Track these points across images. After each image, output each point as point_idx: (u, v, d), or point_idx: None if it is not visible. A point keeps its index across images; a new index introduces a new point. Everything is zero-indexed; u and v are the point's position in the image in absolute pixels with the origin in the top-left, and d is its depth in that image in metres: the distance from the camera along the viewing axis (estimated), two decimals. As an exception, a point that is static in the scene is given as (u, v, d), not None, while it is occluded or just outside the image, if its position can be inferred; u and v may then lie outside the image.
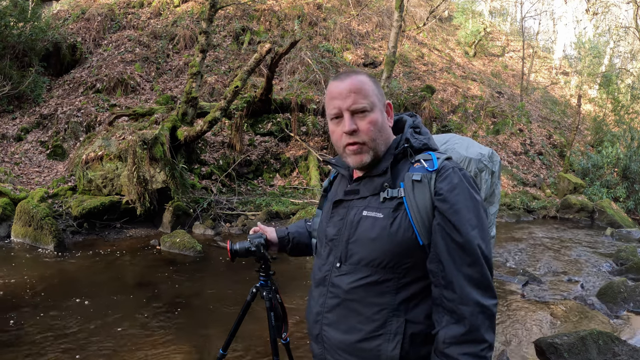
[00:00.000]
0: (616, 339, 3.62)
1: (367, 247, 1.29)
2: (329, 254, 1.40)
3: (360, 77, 1.35)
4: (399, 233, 1.25)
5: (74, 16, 13.02)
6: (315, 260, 1.53)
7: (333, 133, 1.38)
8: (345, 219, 1.37)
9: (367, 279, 1.29)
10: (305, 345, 3.71)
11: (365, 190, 1.36)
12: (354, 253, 1.32)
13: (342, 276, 1.34)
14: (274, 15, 14.44)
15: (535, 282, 5.70)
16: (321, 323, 1.39)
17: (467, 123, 14.17)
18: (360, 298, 1.30)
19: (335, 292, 1.35)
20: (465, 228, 1.21)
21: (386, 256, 1.26)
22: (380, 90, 1.39)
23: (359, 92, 1.32)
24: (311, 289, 1.51)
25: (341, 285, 1.34)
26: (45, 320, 4.04)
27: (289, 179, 10.13)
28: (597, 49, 21.22)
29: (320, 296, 1.41)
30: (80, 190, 7.48)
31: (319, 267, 1.44)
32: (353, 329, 1.31)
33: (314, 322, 1.42)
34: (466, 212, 1.22)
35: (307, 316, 1.50)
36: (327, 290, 1.38)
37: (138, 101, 10.84)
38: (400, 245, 1.25)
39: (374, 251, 1.28)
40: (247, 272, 5.46)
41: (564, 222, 10.32)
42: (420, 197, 1.25)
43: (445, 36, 20.13)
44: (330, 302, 1.37)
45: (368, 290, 1.29)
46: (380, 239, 1.27)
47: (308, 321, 1.48)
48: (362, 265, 1.30)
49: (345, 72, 1.40)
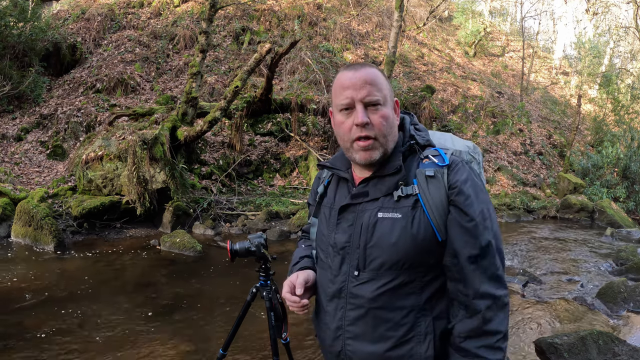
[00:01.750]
0: (616, 339, 3.61)
1: (388, 250, 1.24)
2: (342, 263, 1.32)
3: (374, 69, 1.31)
4: (420, 231, 1.23)
5: (74, 16, 13.02)
6: (320, 272, 1.43)
7: (341, 125, 1.31)
8: (355, 224, 1.31)
9: (392, 283, 1.25)
10: (306, 345, 3.71)
11: (377, 191, 1.30)
12: (375, 258, 1.26)
13: (363, 284, 1.28)
14: (274, 15, 14.44)
15: (535, 282, 5.70)
16: (343, 338, 1.31)
17: (467, 123, 14.17)
18: (386, 304, 1.25)
19: (357, 302, 1.28)
20: (479, 219, 1.22)
21: (409, 257, 1.23)
22: (391, 86, 1.35)
23: (373, 84, 1.27)
24: (321, 304, 1.41)
25: (364, 294, 1.27)
26: (45, 320, 4.03)
27: (289, 179, 10.13)
28: (597, 49, 21.23)
29: (337, 310, 1.32)
30: (80, 190, 7.48)
31: (331, 280, 1.35)
32: (382, 337, 1.26)
33: (334, 338, 1.33)
34: (479, 204, 1.23)
35: (322, 334, 1.40)
36: (346, 302, 1.30)
37: (138, 101, 10.84)
38: (422, 244, 1.23)
39: (396, 253, 1.23)
40: (247, 272, 5.46)
41: (564, 222, 10.31)
42: (435, 192, 1.24)
43: (445, 36, 20.13)
44: (352, 314, 1.29)
45: (394, 295, 1.25)
46: (402, 240, 1.23)
47: (324, 339, 1.39)
48: (385, 269, 1.25)
49: (357, 63, 1.36)
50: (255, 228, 7.46)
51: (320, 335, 1.42)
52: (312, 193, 1.55)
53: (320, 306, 1.42)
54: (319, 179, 1.54)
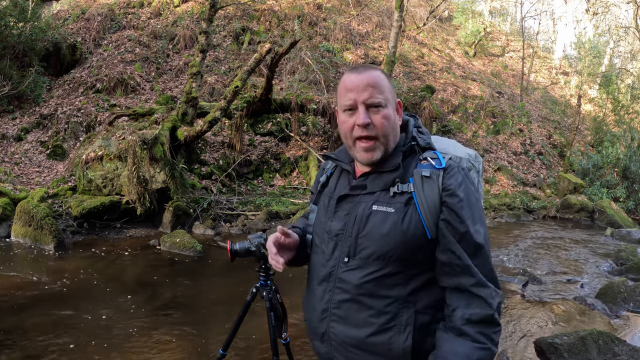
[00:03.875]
0: (616, 339, 3.61)
1: (378, 241, 1.30)
2: (334, 249, 1.39)
3: (377, 72, 1.37)
4: (410, 227, 1.28)
5: (74, 16, 13.02)
6: (313, 257, 1.50)
7: (344, 124, 1.38)
8: (351, 214, 1.37)
9: (379, 273, 1.30)
10: (306, 345, 3.71)
11: (374, 185, 1.37)
12: (365, 247, 1.32)
13: (351, 271, 1.34)
14: (274, 15, 14.44)
15: (535, 282, 5.70)
16: (328, 320, 1.38)
17: (467, 123, 14.17)
18: (371, 292, 1.31)
19: (344, 287, 1.34)
20: (470, 222, 1.27)
21: (397, 249, 1.28)
22: (393, 88, 1.42)
23: (376, 86, 1.33)
24: (311, 287, 1.48)
25: (351, 280, 1.33)
26: (45, 320, 4.03)
27: (289, 179, 10.13)
28: (597, 49, 21.23)
29: (325, 293, 1.39)
30: (80, 190, 7.47)
31: (322, 264, 1.42)
32: (364, 323, 1.31)
33: (319, 320, 1.40)
34: (470, 208, 1.29)
35: (309, 315, 1.47)
36: (334, 286, 1.37)
37: (138, 101, 10.84)
38: (412, 239, 1.28)
39: (385, 245, 1.29)
40: (247, 272, 5.45)
41: (564, 222, 10.31)
42: (430, 192, 1.29)
43: (445, 36, 20.13)
44: (338, 297, 1.36)
45: (379, 284, 1.30)
46: (392, 233, 1.29)
47: (310, 320, 1.46)
48: (373, 259, 1.31)
49: (361, 65, 1.43)
50: (255, 228, 7.46)
51: (308, 316, 1.49)
52: (316, 182, 1.62)
53: (310, 289, 1.48)
54: (323, 170, 1.62)
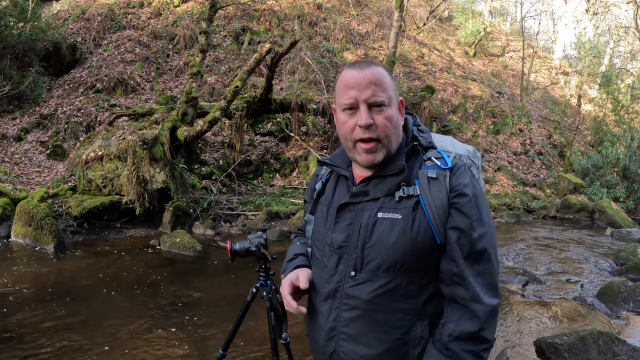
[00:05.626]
0: (616, 339, 3.61)
1: (386, 251, 1.21)
2: (338, 262, 1.29)
3: (380, 68, 1.27)
4: (419, 233, 1.20)
5: (74, 16, 13.03)
6: (315, 271, 1.39)
7: (343, 124, 1.27)
8: (354, 224, 1.27)
9: (390, 285, 1.22)
10: (306, 345, 3.71)
11: (377, 191, 1.27)
12: (372, 259, 1.23)
13: (359, 285, 1.25)
14: (274, 15, 14.44)
15: (535, 282, 5.69)
16: (337, 339, 1.28)
17: (467, 123, 14.17)
18: (382, 306, 1.23)
19: (353, 303, 1.25)
20: (477, 224, 1.20)
21: (407, 259, 1.20)
22: (396, 86, 1.32)
23: (379, 84, 1.24)
24: (315, 304, 1.36)
25: (360, 295, 1.24)
26: (45, 320, 4.03)
27: (289, 179, 10.13)
28: (597, 49, 21.21)
29: (331, 310, 1.29)
30: (80, 190, 7.47)
31: (326, 279, 1.31)
32: (377, 340, 1.23)
33: (327, 339, 1.30)
34: (478, 210, 1.22)
35: (314, 334, 1.37)
36: (341, 302, 1.27)
37: (138, 101, 10.84)
38: (422, 246, 1.20)
39: (394, 255, 1.21)
40: (247, 272, 5.45)
41: (564, 222, 10.31)
42: (437, 194, 1.22)
43: (445, 36, 20.13)
44: (347, 315, 1.26)
45: (391, 297, 1.22)
46: (401, 242, 1.20)
47: (316, 340, 1.36)
48: (382, 270, 1.22)
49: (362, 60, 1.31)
50: (255, 228, 7.46)
51: (313, 335, 1.39)
52: (309, 190, 1.50)
53: (314, 306, 1.37)
54: (317, 176, 1.50)
